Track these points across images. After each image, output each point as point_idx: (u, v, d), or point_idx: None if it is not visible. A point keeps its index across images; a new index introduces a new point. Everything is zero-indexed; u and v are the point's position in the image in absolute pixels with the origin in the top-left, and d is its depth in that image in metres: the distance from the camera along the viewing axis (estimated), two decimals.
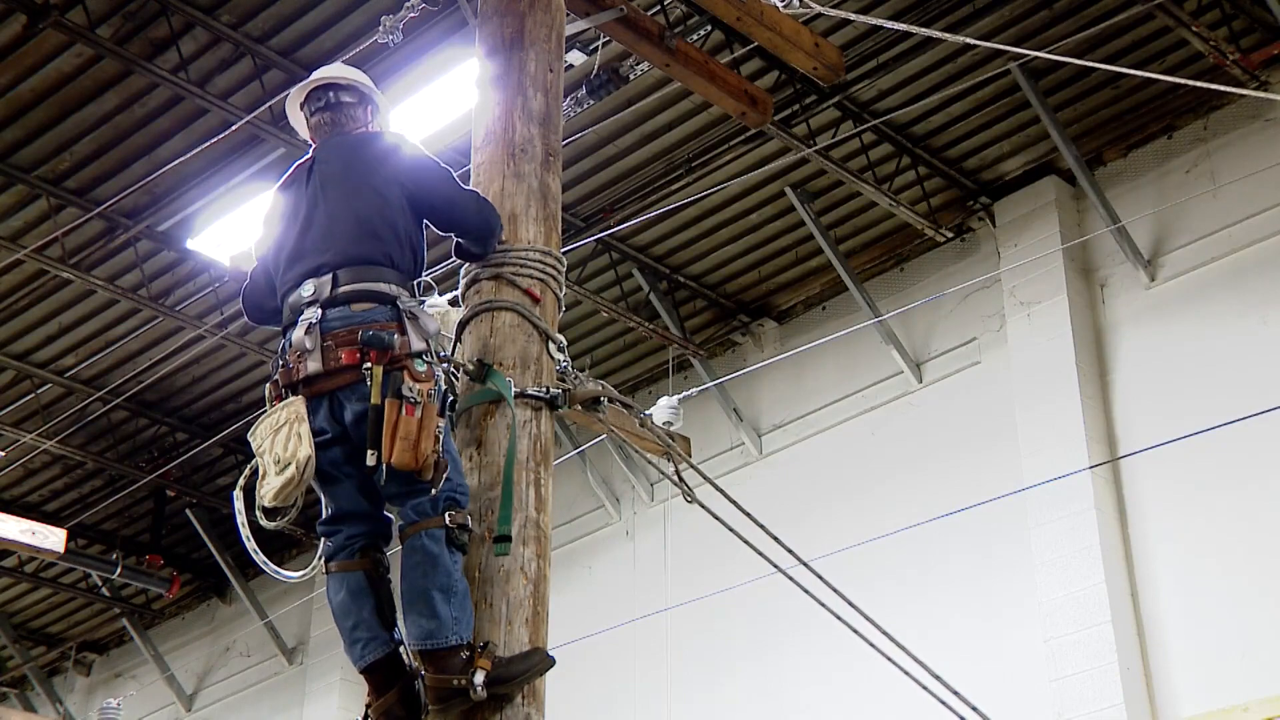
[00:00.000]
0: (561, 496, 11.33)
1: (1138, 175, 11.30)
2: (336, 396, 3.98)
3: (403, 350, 3.94)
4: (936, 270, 12.13)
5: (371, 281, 4.04)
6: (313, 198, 4.24)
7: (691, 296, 12.92)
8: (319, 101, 4.44)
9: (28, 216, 11.73)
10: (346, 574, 4.05)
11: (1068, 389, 10.84)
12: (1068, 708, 10.02)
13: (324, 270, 4.07)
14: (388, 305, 4.03)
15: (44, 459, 14.14)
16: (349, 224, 4.13)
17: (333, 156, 4.32)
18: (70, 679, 17.21)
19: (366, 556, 4.07)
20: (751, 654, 12.10)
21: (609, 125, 10.96)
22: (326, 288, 4.04)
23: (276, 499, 3.93)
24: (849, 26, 9.96)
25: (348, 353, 3.93)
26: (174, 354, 12.93)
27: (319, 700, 14.68)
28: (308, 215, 4.21)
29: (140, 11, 10.13)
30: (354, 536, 4.09)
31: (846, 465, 12.15)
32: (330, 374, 3.95)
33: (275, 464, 3.91)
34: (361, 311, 4.00)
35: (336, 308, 4.01)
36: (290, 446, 3.90)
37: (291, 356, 4.02)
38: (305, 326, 4.00)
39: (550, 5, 4.79)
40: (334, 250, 4.09)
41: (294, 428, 3.91)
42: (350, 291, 4.03)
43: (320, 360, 3.95)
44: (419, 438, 3.82)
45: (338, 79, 4.48)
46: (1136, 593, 10.31)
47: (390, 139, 4.39)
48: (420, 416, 3.83)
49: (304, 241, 4.17)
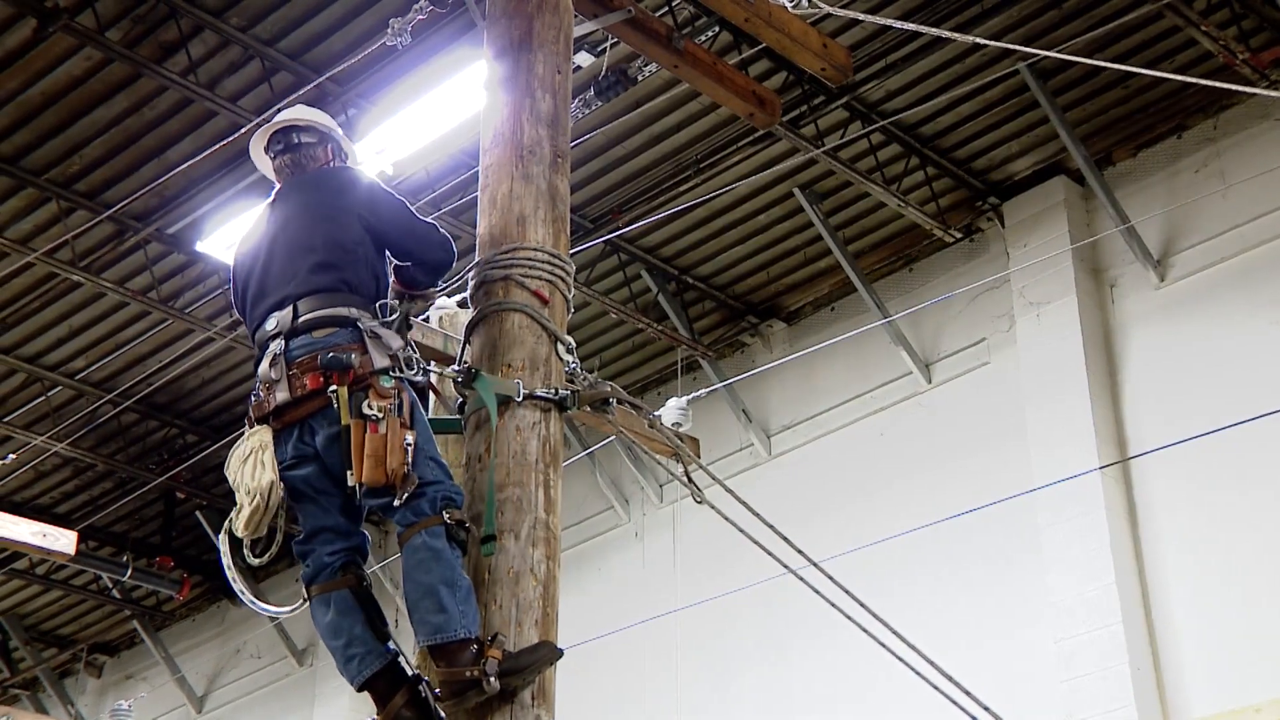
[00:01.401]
0: (571, 498, 11.33)
1: (1147, 175, 11.27)
2: (309, 423, 4.07)
3: (365, 369, 4.03)
4: (945, 271, 12.11)
5: (331, 307, 4.14)
6: (273, 236, 4.36)
7: (700, 297, 12.92)
8: (279, 144, 4.56)
9: (38, 220, 11.76)
10: (331, 594, 4.09)
11: (1077, 389, 10.82)
12: (1079, 708, 10.01)
13: (285, 303, 4.18)
14: (348, 328, 4.12)
15: (55, 461, 14.18)
16: (307, 256, 4.23)
17: (292, 195, 4.45)
18: (82, 681, 17.25)
19: (349, 573, 4.12)
20: (761, 655, 12.09)
21: (617, 126, 10.97)
22: (288, 318, 4.15)
23: (248, 528, 4.03)
24: (857, 27, 9.95)
25: (312, 378, 4.04)
26: (184, 356, 12.96)
27: (329, 702, 14.70)
28: (269, 253, 4.33)
29: (149, 15, 10.15)
30: (334, 554, 4.13)
31: (856, 466, 12.14)
32: (298, 402, 4.06)
33: (246, 494, 4.02)
34: (323, 337, 4.10)
35: (299, 336, 4.12)
36: (256, 475, 4.00)
37: (262, 389, 4.13)
38: (270, 358, 4.12)
39: (558, 7, 4.79)
40: (294, 283, 4.20)
41: (258, 456, 4.03)
42: (311, 319, 4.13)
43: (288, 389, 4.06)
44: (385, 454, 3.91)
45: (296, 121, 4.59)
46: (1147, 593, 10.29)
47: (347, 173, 4.50)
48: (384, 432, 3.92)
49: (266, 279, 4.29)
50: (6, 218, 11.69)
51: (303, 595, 4.20)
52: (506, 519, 4.07)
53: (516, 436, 4.17)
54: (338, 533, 4.14)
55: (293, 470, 4.08)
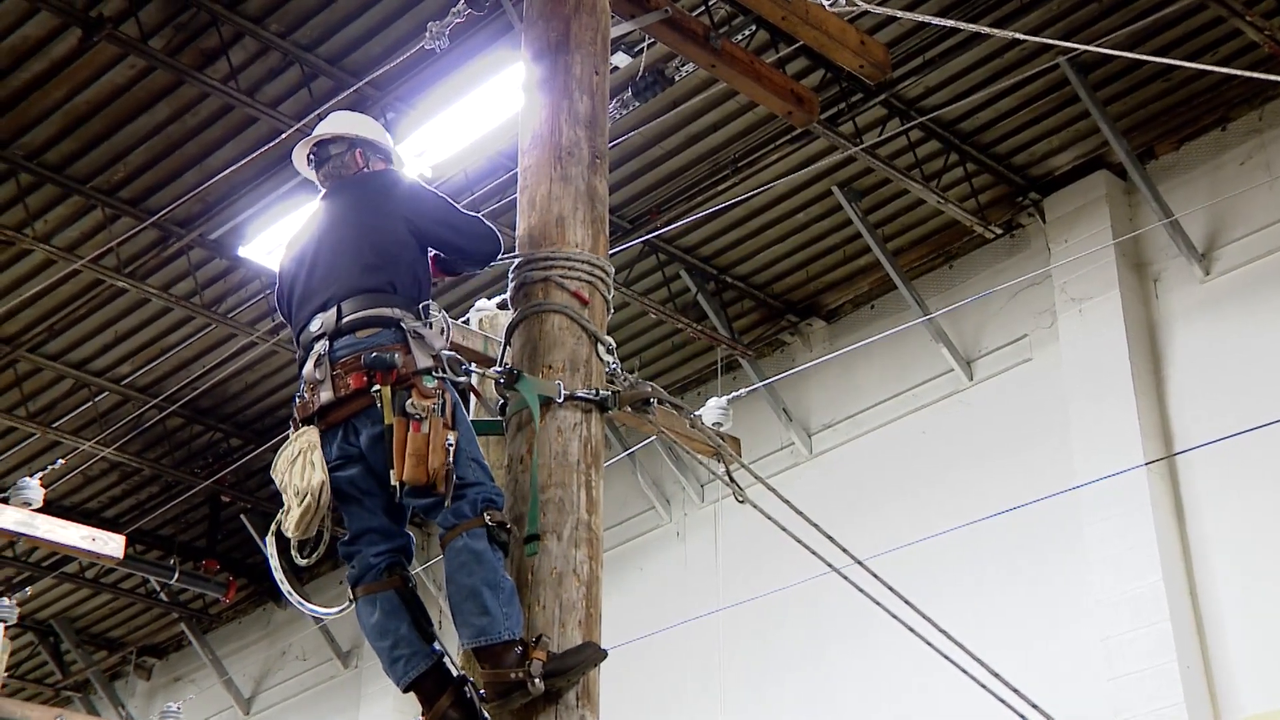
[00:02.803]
0: (612, 498, 11.34)
1: (1191, 168, 11.16)
2: (353, 423, 4.10)
3: (408, 369, 4.06)
4: (986, 267, 12.04)
5: (374, 308, 4.18)
6: (316, 240, 4.43)
7: (739, 297, 12.90)
8: (314, 159, 4.69)
9: (84, 227, 11.90)
10: (377, 595, 4.11)
11: (1121, 385, 10.72)
12: (1126, 707, 9.92)
13: (330, 305, 4.23)
14: (391, 328, 4.15)
15: (102, 466, 14.34)
16: (350, 259, 4.29)
17: (334, 201, 4.53)
18: (131, 683, 17.45)
19: (395, 575, 4.13)
20: (803, 654, 12.06)
21: (655, 127, 10.97)
22: (332, 320, 4.19)
23: (298, 529, 4.07)
24: (895, 23, 9.91)
25: (355, 378, 4.07)
26: (227, 360, 13.08)
27: (374, 703, 14.79)
28: (313, 257, 4.40)
29: (191, 22, 10.25)
30: (379, 555, 4.15)
31: (897, 464, 12.09)
32: (342, 402, 4.10)
33: (295, 495, 4.06)
34: (366, 337, 4.14)
35: (343, 337, 4.16)
36: (305, 475, 4.04)
37: (306, 390, 4.18)
38: (315, 359, 4.17)
39: (595, 8, 4.80)
40: (337, 285, 4.26)
41: (307, 456, 4.07)
42: (354, 320, 4.17)
43: (331, 389, 4.11)
44: (427, 453, 3.94)
45: (322, 135, 4.68)
46: (1195, 590, 10.19)
47: (386, 175, 4.56)
48: (427, 432, 3.95)
49: (310, 282, 4.35)
50: (53, 226, 11.84)
51: (348, 596, 4.22)
52: (549, 520, 4.08)
53: (558, 437, 4.18)
54: (383, 534, 4.16)
55: (338, 471, 4.11)
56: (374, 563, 4.14)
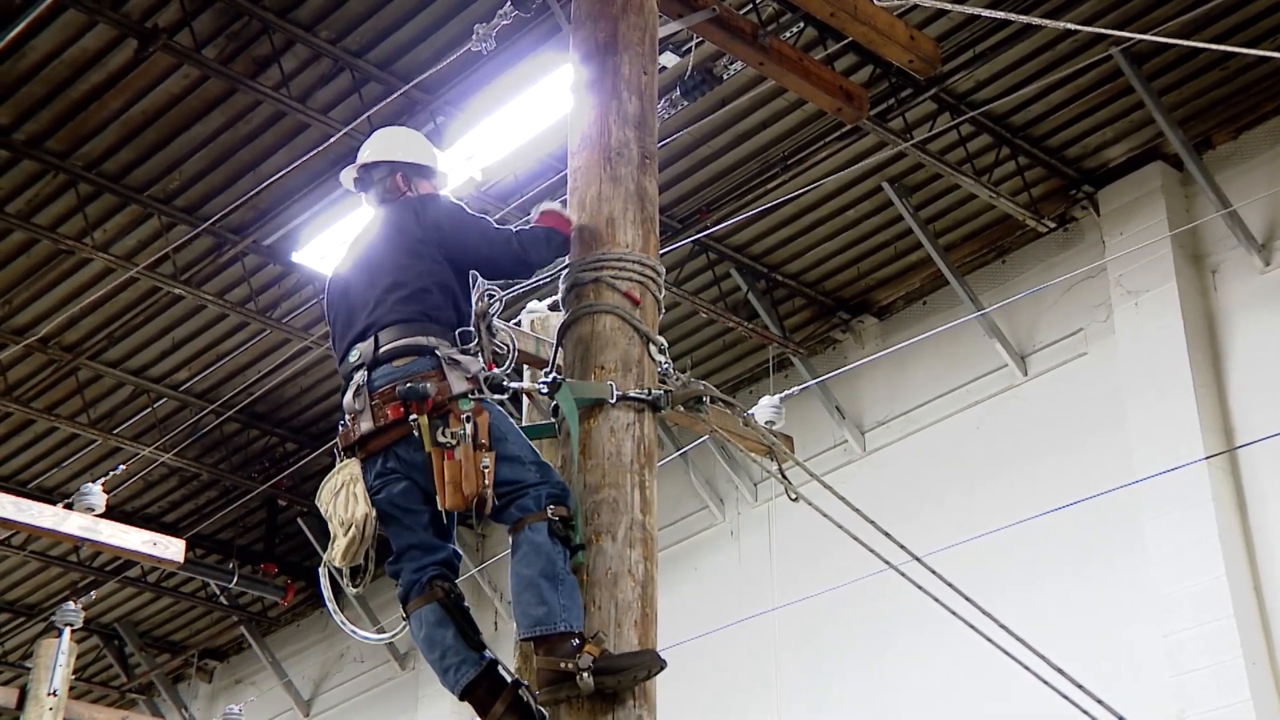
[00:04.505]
0: (665, 498, 11.31)
1: (1250, 157, 10.99)
2: (394, 450, 4.18)
3: (442, 396, 4.12)
4: (1039, 261, 11.92)
5: (410, 337, 4.25)
6: (358, 267, 4.52)
7: (790, 295, 12.86)
8: (359, 184, 4.80)
9: (141, 235, 12.07)
10: (422, 609, 4.17)
11: (1180, 378, 10.58)
12: (1191, 703, 9.79)
13: (368, 334, 4.32)
14: (427, 356, 4.21)
15: (161, 471, 14.52)
16: (386, 289, 4.36)
17: (376, 228, 4.61)
18: (194, 685, 17.67)
19: (436, 588, 4.19)
20: (859, 652, 12.00)
21: (704, 126, 10.96)
22: (370, 350, 4.27)
23: (345, 559, 4.18)
24: (944, 17, 9.84)
25: (393, 408, 4.16)
26: (282, 365, 13.21)
27: (431, 705, 14.87)
28: (354, 285, 4.49)
29: (243, 31, 10.37)
30: (420, 569, 4.21)
31: (952, 461, 12.00)
32: (382, 431, 4.18)
33: (341, 526, 4.16)
34: (402, 366, 4.22)
35: (380, 367, 4.24)
36: (350, 508, 4.15)
37: (348, 419, 4.27)
38: (354, 389, 4.26)
39: (643, 8, 4.80)
40: (375, 314, 4.34)
41: (350, 489, 4.17)
42: (391, 349, 4.25)
43: (371, 419, 4.19)
44: (460, 479, 4.00)
45: (364, 162, 4.77)
46: (1260, 586, 10.03)
47: (424, 202, 4.58)
48: (459, 459, 4.02)
49: (352, 310, 4.44)
50: (112, 234, 12.01)
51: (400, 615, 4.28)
52: (603, 520, 4.10)
53: (611, 438, 4.19)
54: (424, 549, 4.23)
55: (378, 494, 4.19)
56: (416, 578, 4.21)
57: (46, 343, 12.97)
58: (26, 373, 13.48)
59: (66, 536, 8.37)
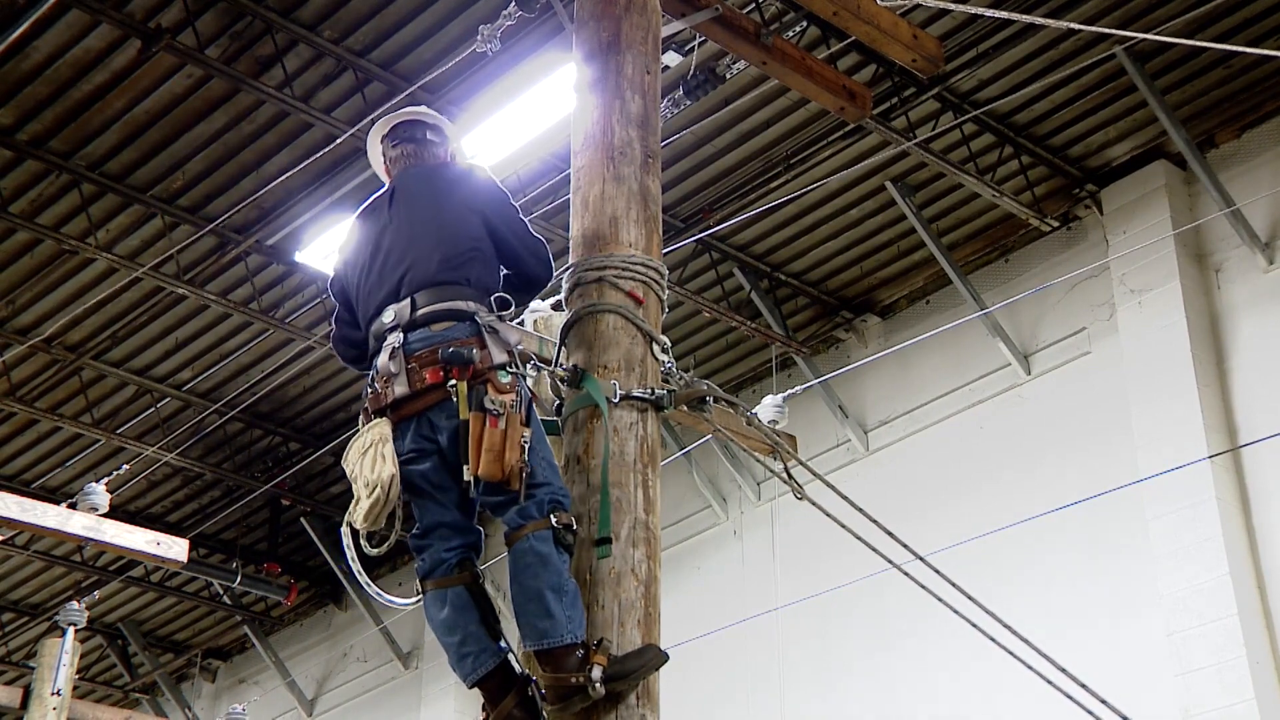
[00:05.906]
0: (668, 498, 11.34)
1: (1253, 156, 10.98)
2: (427, 416, 4.06)
3: (484, 364, 4.02)
4: (1043, 260, 11.92)
5: (449, 301, 4.14)
6: (389, 226, 4.36)
7: (793, 294, 12.86)
8: (404, 134, 4.59)
9: (144, 235, 12.08)
10: (447, 590, 4.08)
11: (1183, 377, 10.58)
12: (1196, 703, 9.78)
13: (403, 295, 4.18)
14: (466, 322, 4.11)
15: (165, 471, 14.54)
16: (425, 248, 4.23)
17: (411, 186, 4.45)
18: (197, 685, 17.69)
19: (466, 570, 4.11)
20: (863, 652, 12.00)
21: (707, 125, 10.96)
22: (406, 311, 4.14)
23: (366, 520, 4.03)
24: (947, 16, 9.84)
25: (431, 372, 4.02)
26: (285, 365, 13.22)
27: (435, 704, 14.89)
28: (387, 244, 4.33)
29: (246, 31, 10.38)
30: (451, 550, 4.12)
31: (955, 460, 11.99)
32: (417, 395, 4.05)
33: (365, 486, 4.02)
34: (441, 331, 4.09)
35: (417, 330, 4.11)
36: (376, 468, 3.99)
37: (379, 382, 4.12)
38: (389, 351, 4.11)
39: (646, 8, 4.80)
40: (411, 275, 4.20)
41: (378, 449, 4.02)
42: (429, 313, 4.13)
43: (406, 383, 4.06)
44: (503, 449, 3.90)
45: (424, 116, 4.64)
46: (1264, 584, 10.03)
47: (472, 171, 4.51)
48: (504, 427, 3.91)
49: (383, 269, 4.29)
50: (115, 234, 12.02)
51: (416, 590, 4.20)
52: None
53: (614, 437, 4.18)
54: (455, 529, 4.13)
55: (411, 465, 4.06)
56: (446, 558, 4.11)
57: (50, 343, 12.99)
58: (30, 373, 13.50)
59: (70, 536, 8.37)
